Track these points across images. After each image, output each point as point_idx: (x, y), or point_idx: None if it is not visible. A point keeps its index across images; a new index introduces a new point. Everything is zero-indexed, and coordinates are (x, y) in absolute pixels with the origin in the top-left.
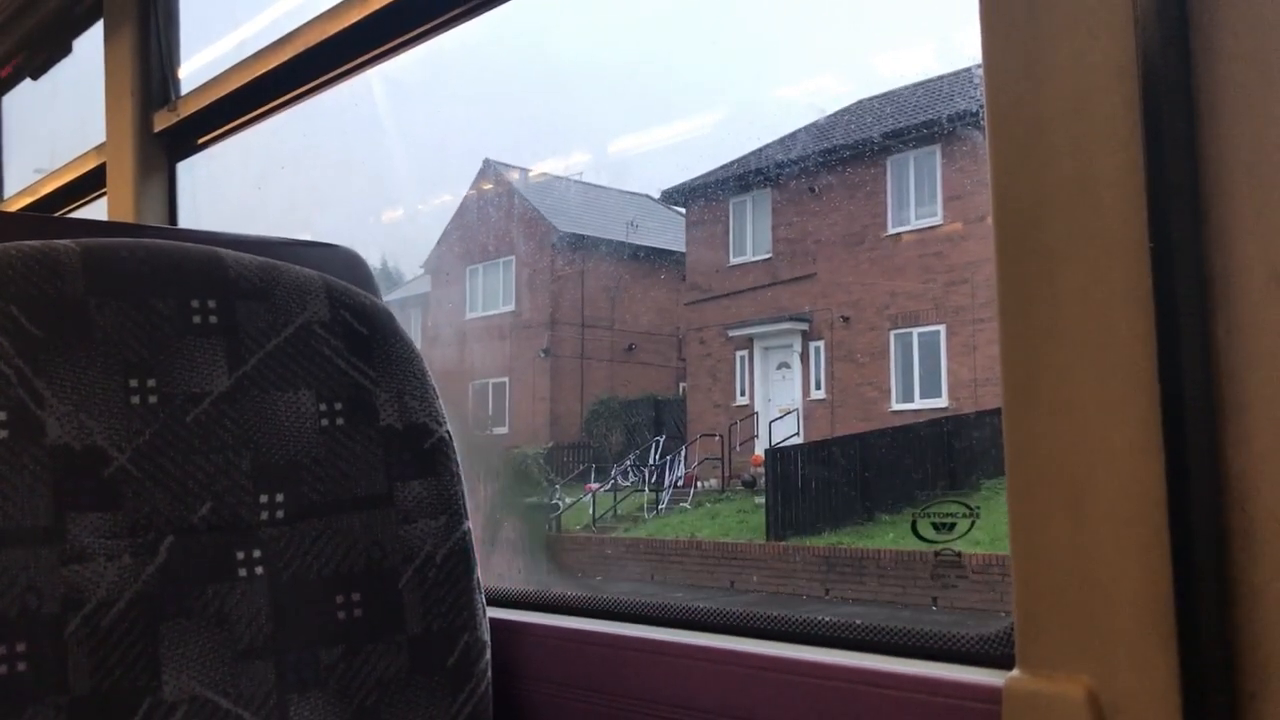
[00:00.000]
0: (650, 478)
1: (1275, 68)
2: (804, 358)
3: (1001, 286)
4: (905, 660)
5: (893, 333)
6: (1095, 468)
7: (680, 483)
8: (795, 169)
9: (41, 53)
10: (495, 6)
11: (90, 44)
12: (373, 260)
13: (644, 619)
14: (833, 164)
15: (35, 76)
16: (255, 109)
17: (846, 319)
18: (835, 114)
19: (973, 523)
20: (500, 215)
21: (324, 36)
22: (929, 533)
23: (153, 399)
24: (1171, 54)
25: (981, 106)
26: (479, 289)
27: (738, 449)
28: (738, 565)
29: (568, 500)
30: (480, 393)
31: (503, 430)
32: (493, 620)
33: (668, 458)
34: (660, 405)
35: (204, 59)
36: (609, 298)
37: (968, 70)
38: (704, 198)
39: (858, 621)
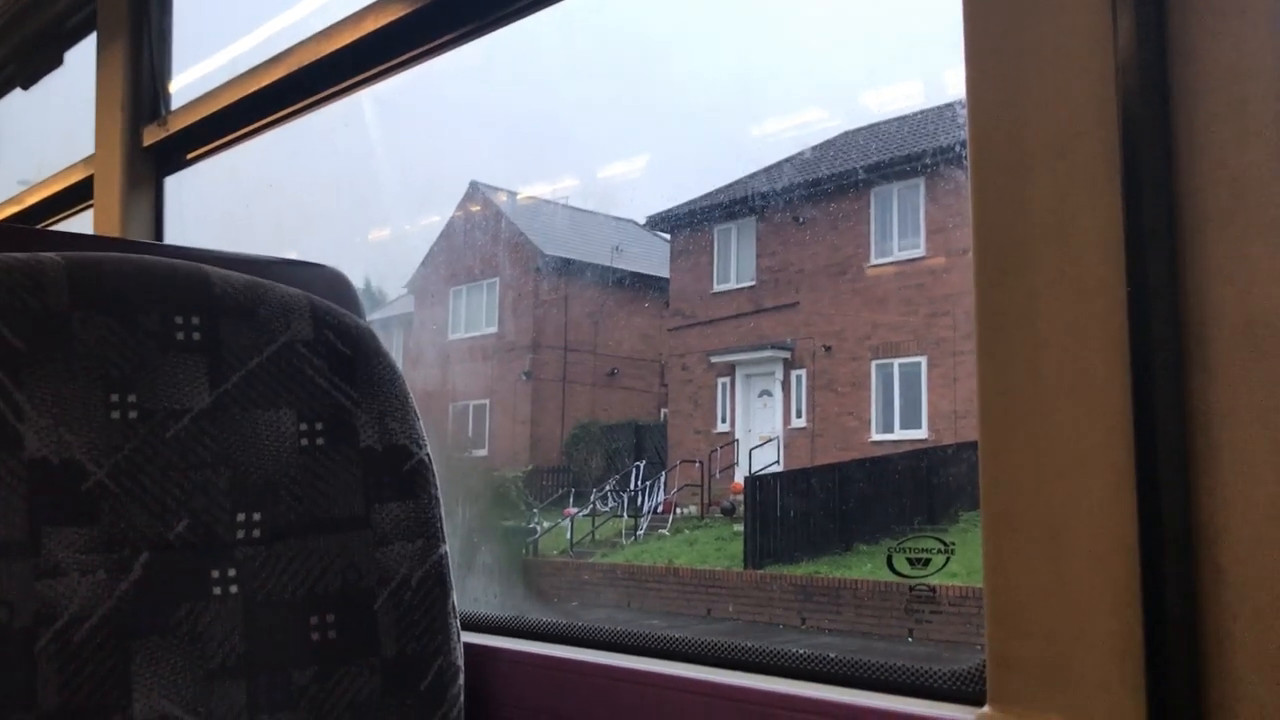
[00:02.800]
0: (629, 503)
1: (1251, 116)
2: (785, 386)
3: (980, 327)
4: (878, 695)
5: (874, 363)
6: (1069, 507)
7: (659, 509)
8: (780, 199)
9: (33, 63)
10: (486, 33)
11: (82, 56)
12: (356, 279)
13: (617, 647)
14: (817, 195)
15: (26, 86)
16: (245, 126)
17: (828, 348)
18: (820, 145)
19: (947, 559)
20: (486, 237)
21: (316, 57)
22: (904, 568)
23: (133, 414)
24: (1150, 101)
25: (963, 143)
26: (462, 310)
27: (718, 476)
28: (714, 593)
29: (545, 524)
30: (461, 414)
31: (482, 452)
32: (467, 645)
33: (647, 483)
34: (641, 430)
35: (195, 74)
36: (592, 322)
37: (950, 106)
38: (689, 225)
39: (831, 655)
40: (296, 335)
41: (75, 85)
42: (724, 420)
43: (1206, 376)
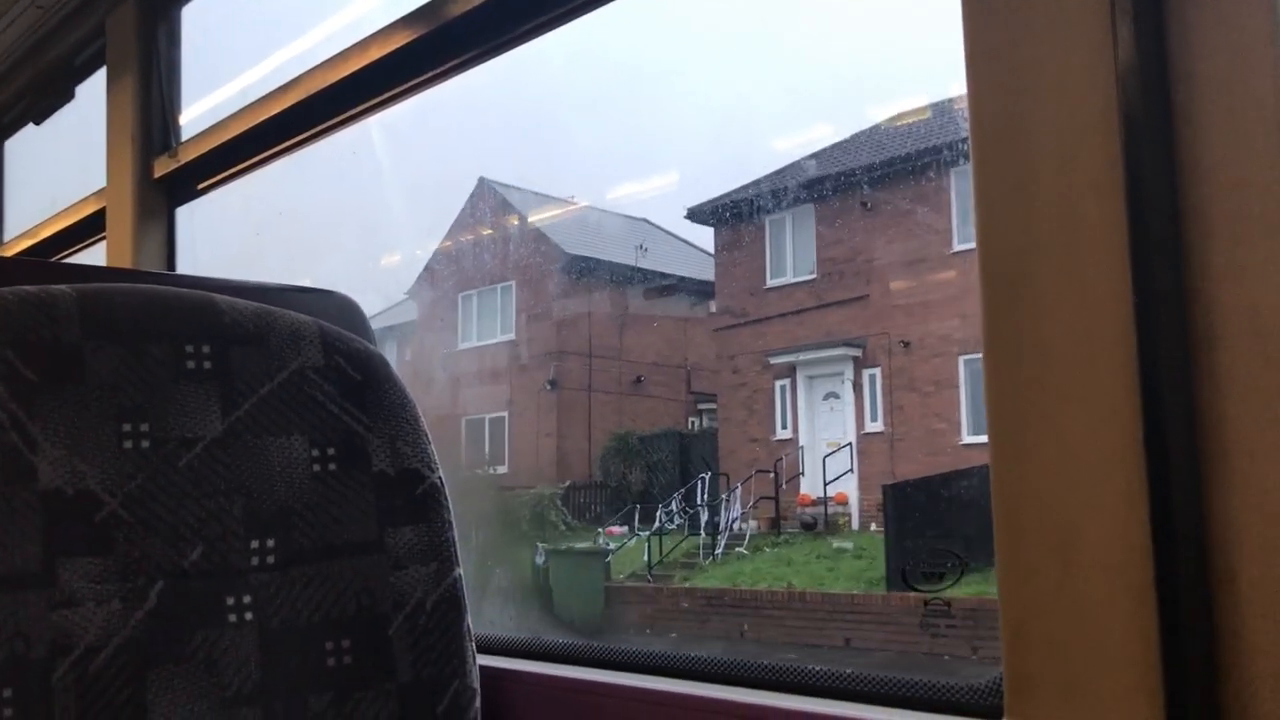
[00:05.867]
0: (693, 519)
1: (1254, 123)
2: (857, 387)
3: (988, 337)
4: (899, 710)
5: (962, 359)
6: (1083, 517)
7: (735, 524)
8: (842, 182)
9: (44, 99)
10: (491, 58)
11: (93, 90)
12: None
13: (635, 667)
14: (887, 177)
15: (38, 122)
16: (255, 155)
17: (907, 344)
18: (891, 125)
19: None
20: (500, 237)
21: (324, 85)
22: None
23: (145, 443)
24: (1152, 110)
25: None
26: (473, 316)
27: (783, 487)
28: (853, 620)
29: (612, 546)
30: (475, 428)
31: (503, 469)
32: (483, 668)
33: (722, 497)
34: (685, 440)
35: (205, 105)
36: (617, 326)
37: None
38: (735, 216)
39: (851, 671)
40: (306, 361)
41: (87, 119)
42: (784, 426)
43: (1215, 384)
